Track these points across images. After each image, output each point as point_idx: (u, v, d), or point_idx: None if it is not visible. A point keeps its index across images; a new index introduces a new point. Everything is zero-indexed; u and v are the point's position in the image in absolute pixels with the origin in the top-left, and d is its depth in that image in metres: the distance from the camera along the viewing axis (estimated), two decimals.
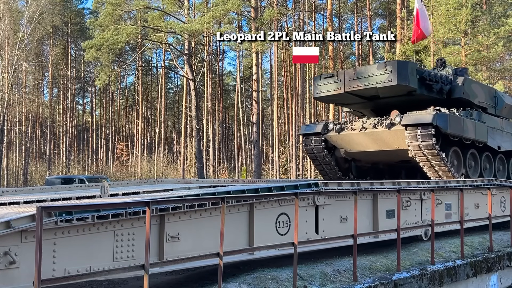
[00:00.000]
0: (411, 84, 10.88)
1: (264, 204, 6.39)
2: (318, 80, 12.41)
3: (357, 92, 11.68)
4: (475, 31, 28.39)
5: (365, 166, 13.54)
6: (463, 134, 10.94)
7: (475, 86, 12.50)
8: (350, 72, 11.70)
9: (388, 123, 10.96)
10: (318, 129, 12.46)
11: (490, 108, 12.90)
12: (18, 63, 34.79)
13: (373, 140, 11.48)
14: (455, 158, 11.31)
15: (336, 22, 46.67)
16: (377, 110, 12.66)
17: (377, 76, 11.01)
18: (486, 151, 12.30)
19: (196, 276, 6.39)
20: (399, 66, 10.85)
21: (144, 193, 7.29)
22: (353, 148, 12.20)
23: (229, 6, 29.33)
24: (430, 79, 11.39)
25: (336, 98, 12.64)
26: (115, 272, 4.53)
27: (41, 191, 8.85)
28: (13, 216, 4.31)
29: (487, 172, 12.53)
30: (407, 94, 11.38)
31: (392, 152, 11.43)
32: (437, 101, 11.63)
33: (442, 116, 10.39)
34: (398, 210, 7.28)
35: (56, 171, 42.64)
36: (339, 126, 12.11)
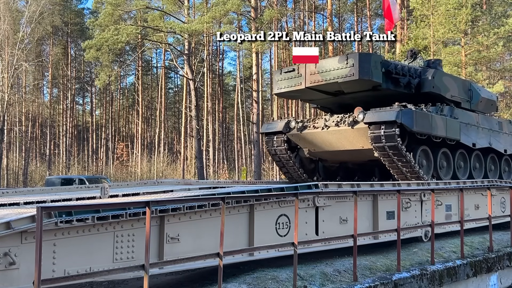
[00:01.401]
0: (374, 78, 10.05)
1: (264, 206, 6.39)
2: (279, 74, 11.49)
3: (319, 87, 10.84)
4: (475, 31, 28.39)
5: (333, 166, 12.85)
6: (431, 132, 10.12)
7: (447, 79, 11.65)
8: (311, 66, 10.73)
9: (351, 121, 10.13)
10: (280, 128, 11.49)
11: (465, 102, 12.05)
12: (18, 63, 34.79)
13: (336, 139, 10.68)
14: (424, 158, 10.55)
15: (336, 22, 46.68)
16: (345, 106, 11.76)
17: (339, 70, 10.16)
18: (460, 148, 11.45)
19: (196, 276, 6.39)
20: (361, 59, 9.97)
21: (144, 194, 7.29)
22: (317, 148, 11.39)
23: (229, 6, 29.33)
24: (396, 73, 10.55)
25: (297, 94, 11.82)
26: (115, 272, 4.53)
27: (41, 192, 8.84)
28: (13, 217, 4.31)
29: (461, 172, 11.66)
30: (373, 89, 10.58)
31: (357, 151, 10.65)
32: (405, 96, 10.87)
33: (407, 113, 9.56)
34: (398, 210, 7.28)
35: (56, 171, 42.63)
36: (301, 124, 11.21)
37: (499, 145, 12.63)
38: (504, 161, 13.23)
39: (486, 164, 12.42)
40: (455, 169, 11.23)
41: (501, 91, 29.15)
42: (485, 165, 12.36)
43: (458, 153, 11.40)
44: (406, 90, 10.85)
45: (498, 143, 12.53)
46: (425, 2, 27.54)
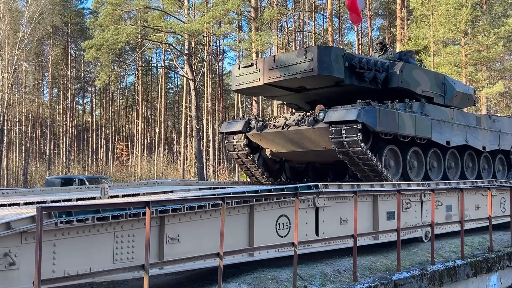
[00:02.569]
0: (335, 73, 9.30)
1: (264, 206, 6.39)
2: (237, 69, 10.65)
3: (278, 83, 10.09)
4: (475, 31, 28.39)
5: (300, 166, 12.17)
6: (397, 131, 9.34)
7: (417, 72, 10.77)
8: (269, 61, 9.98)
9: (311, 120, 9.39)
10: (239, 127, 10.73)
11: (438, 97, 11.18)
12: (18, 63, 34.80)
13: (298, 140, 9.95)
14: (392, 158, 9.79)
15: (336, 22, 46.67)
16: (312, 102, 10.96)
17: (298, 65, 9.41)
18: (434, 147, 10.68)
19: (196, 276, 6.39)
20: (321, 53, 9.19)
21: (144, 195, 7.29)
22: (278, 148, 10.66)
23: (229, 6, 29.33)
24: (361, 67, 9.79)
25: (257, 91, 11.09)
26: (115, 272, 4.53)
27: (41, 192, 8.84)
28: (13, 217, 4.32)
29: (435, 172, 10.84)
30: (336, 85, 9.85)
31: (321, 152, 9.93)
32: (372, 92, 10.18)
33: (370, 111, 8.80)
34: (398, 210, 7.28)
35: (56, 171, 42.62)
36: (261, 123, 10.45)
37: (477, 142, 11.76)
38: (483, 158, 12.40)
39: (463, 163, 11.58)
40: (427, 170, 10.47)
41: (501, 91, 29.16)
42: (461, 164, 11.55)
43: (431, 152, 10.65)
44: (372, 85, 10.12)
45: (475, 140, 11.69)
46: (425, 2, 27.54)
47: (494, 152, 12.63)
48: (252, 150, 11.10)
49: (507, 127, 12.98)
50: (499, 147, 12.48)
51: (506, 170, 13.34)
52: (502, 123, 12.82)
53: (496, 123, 12.54)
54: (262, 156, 11.34)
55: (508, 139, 12.97)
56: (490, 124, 12.31)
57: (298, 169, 12.18)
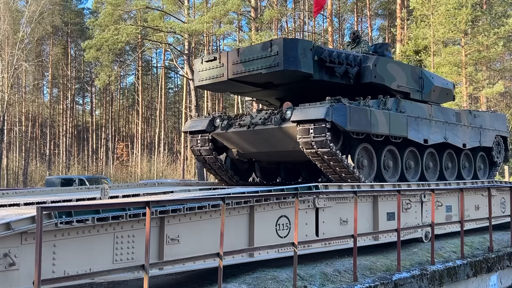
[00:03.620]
0: (303, 68, 8.64)
1: (264, 207, 6.39)
2: (199, 64, 9.93)
3: (243, 79, 9.37)
4: (475, 31, 28.39)
5: (271, 166, 11.53)
6: (370, 130, 8.71)
7: (392, 66, 10.09)
8: (233, 54, 9.29)
9: (278, 119, 8.74)
10: (203, 126, 10.01)
11: (414, 92, 10.54)
12: (18, 63, 34.82)
13: (264, 139, 9.33)
14: (366, 158, 9.16)
15: (336, 22, 46.68)
16: (282, 99, 10.22)
17: (262, 59, 8.74)
18: (411, 146, 10.03)
19: (196, 276, 6.39)
20: (286, 46, 8.53)
21: (144, 195, 7.29)
22: (245, 149, 10.03)
23: (229, 6, 29.35)
24: (331, 61, 9.16)
25: (221, 87, 10.30)
26: (115, 272, 4.53)
27: (41, 193, 8.83)
28: (13, 217, 4.32)
29: (411, 172, 10.17)
30: (304, 81, 9.23)
31: (290, 152, 9.28)
32: (344, 88, 9.57)
33: (340, 109, 8.15)
34: (398, 210, 7.28)
35: (56, 171, 42.62)
36: (226, 122, 9.76)
37: (457, 139, 11.05)
38: (464, 156, 11.66)
39: (442, 162, 10.91)
40: (403, 170, 9.85)
41: (501, 91, 29.16)
42: (440, 163, 10.87)
43: (408, 151, 10.00)
44: (344, 81, 9.48)
45: (455, 137, 11.00)
46: (425, 2, 27.55)
47: (475, 149, 11.96)
48: (218, 150, 10.45)
49: (489, 122, 12.27)
50: (480, 144, 11.80)
51: (487, 168, 12.67)
52: (483, 118, 12.11)
53: (477, 119, 11.87)
54: (229, 156, 10.71)
55: (490, 135, 12.25)
56: (471, 120, 11.63)
57: (269, 169, 11.60)
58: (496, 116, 12.88)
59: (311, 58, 8.84)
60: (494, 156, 12.50)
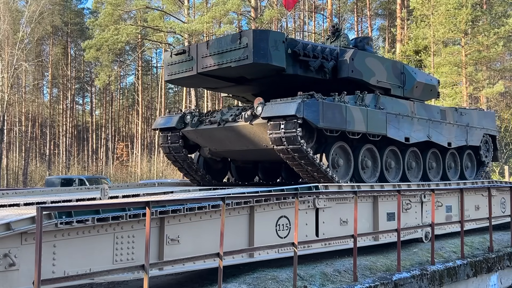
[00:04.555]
0: (274, 61, 8.13)
1: (264, 207, 6.39)
2: (169, 57, 9.43)
3: (213, 73, 8.88)
4: (475, 31, 28.40)
5: (247, 166, 11.02)
6: (345, 127, 8.25)
7: (371, 61, 9.56)
8: (203, 47, 8.78)
9: (249, 115, 8.26)
10: (173, 123, 9.57)
11: (395, 88, 10.01)
12: (18, 63, 34.81)
13: (236, 137, 8.85)
14: (342, 157, 8.68)
15: (336, 22, 46.65)
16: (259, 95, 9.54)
17: (232, 52, 8.25)
18: (391, 144, 9.53)
19: (196, 276, 6.40)
20: (256, 37, 8.02)
21: (144, 196, 7.29)
22: (217, 147, 9.55)
23: (229, 6, 29.36)
24: (305, 54, 8.64)
25: (192, 81, 9.76)
26: (115, 272, 4.53)
27: (41, 193, 8.84)
28: (13, 218, 4.32)
29: (392, 172, 9.66)
30: (277, 75, 8.71)
31: (263, 151, 8.82)
32: (320, 83, 9.07)
33: (312, 105, 7.69)
34: (398, 210, 7.28)
35: (56, 171, 42.60)
36: (197, 118, 9.30)
37: (441, 138, 10.54)
38: (449, 156, 11.12)
39: (426, 162, 10.43)
40: (383, 170, 9.37)
41: (501, 91, 29.16)
42: (424, 163, 10.39)
43: (388, 150, 9.53)
44: (320, 75, 9.00)
45: (439, 135, 10.48)
46: (425, 2, 27.55)
47: (462, 148, 11.50)
48: (190, 149, 10.02)
49: (476, 120, 11.78)
50: (467, 143, 11.31)
51: (475, 167, 12.13)
52: (470, 116, 11.62)
53: (464, 117, 11.37)
54: (202, 155, 10.20)
55: (477, 134, 11.75)
56: (457, 118, 11.15)
57: (245, 169, 11.12)
58: (484, 114, 12.41)
59: (283, 51, 8.34)
60: (482, 155, 12.05)
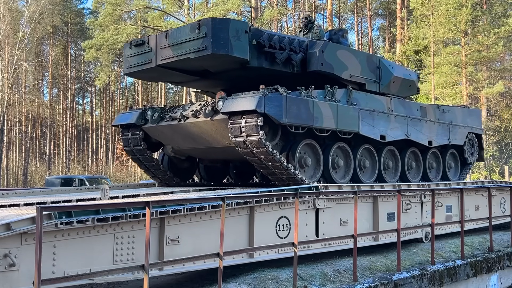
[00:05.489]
0: (235, 52, 7.54)
1: (264, 207, 6.39)
2: (128, 49, 8.79)
3: (172, 65, 8.26)
4: (475, 31, 28.41)
5: (216, 165, 10.43)
6: (312, 123, 7.70)
7: (343, 53, 8.99)
8: (162, 37, 8.20)
9: (209, 111, 7.72)
10: (133, 119, 9.01)
11: (370, 83, 9.44)
12: (18, 63, 34.82)
13: (197, 134, 8.31)
14: (311, 155, 8.16)
15: (336, 22, 46.67)
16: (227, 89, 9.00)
17: (190, 42, 7.63)
18: (367, 143, 9.04)
19: (196, 277, 6.39)
20: (216, 26, 7.41)
21: (144, 196, 7.30)
22: (180, 145, 9.00)
23: (229, 6, 29.36)
24: (271, 46, 8.08)
25: (152, 74, 9.09)
26: (115, 272, 4.54)
27: (41, 193, 8.84)
28: (13, 218, 4.32)
29: (367, 172, 9.17)
30: (242, 68, 8.11)
31: (227, 150, 8.20)
32: (289, 77, 8.58)
33: (274, 100, 7.17)
34: (398, 210, 7.29)
35: (56, 171, 42.63)
36: (158, 114, 8.76)
37: (421, 136, 10.01)
38: (431, 155, 10.62)
39: (404, 162, 9.90)
40: (356, 170, 8.85)
41: (501, 91, 29.18)
42: (402, 162, 9.88)
43: (362, 148, 9.01)
44: (288, 68, 8.45)
45: (419, 133, 9.96)
46: (425, 2, 27.56)
47: (445, 148, 11.02)
48: (153, 147, 9.51)
49: (460, 118, 11.26)
50: (450, 142, 10.81)
51: (459, 167, 11.58)
52: (453, 114, 11.10)
53: (446, 114, 10.86)
54: (166, 154, 9.67)
55: (461, 132, 11.22)
56: (439, 116, 10.63)
57: (214, 169, 10.51)
58: (469, 112, 11.85)
59: (246, 42, 7.75)
60: (467, 154, 11.53)
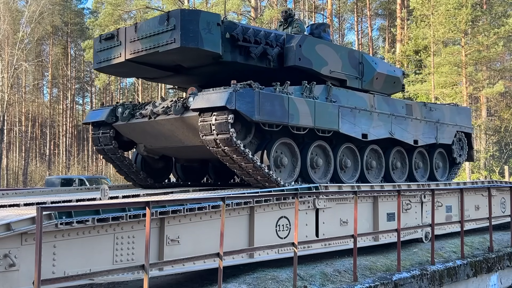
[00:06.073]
0: (206, 46, 7.09)
1: (265, 208, 6.39)
2: (98, 43, 8.33)
3: (142, 59, 7.79)
4: (475, 31, 28.40)
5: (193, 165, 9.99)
6: (287, 121, 7.34)
7: (323, 48, 8.54)
8: (131, 30, 7.73)
9: (179, 107, 7.33)
10: (103, 117, 8.51)
11: (352, 80, 9.06)
12: (18, 63, 34.81)
13: (169, 132, 7.93)
14: (287, 155, 7.81)
15: (336, 22, 46.68)
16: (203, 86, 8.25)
17: (159, 35, 7.22)
18: (348, 141, 8.71)
19: (196, 276, 6.40)
20: (185, 18, 6.99)
21: (144, 196, 7.30)
22: (152, 143, 8.58)
23: (229, 6, 29.37)
24: (245, 39, 7.67)
25: (122, 70, 8.60)
26: (115, 272, 4.54)
27: (41, 193, 8.85)
28: (13, 218, 4.33)
29: (349, 172, 8.85)
30: (215, 63, 7.70)
31: (199, 149, 7.71)
32: (266, 72, 8.19)
33: (246, 96, 6.78)
34: (398, 210, 7.29)
35: (56, 171, 42.62)
36: (129, 111, 8.31)
37: (406, 135, 9.65)
38: (417, 155, 10.26)
39: (389, 161, 9.55)
40: (337, 169, 8.49)
41: (501, 91, 29.16)
42: (386, 162, 9.52)
43: (343, 147, 8.67)
44: (264, 64, 8.05)
45: (404, 132, 9.60)
46: (425, 2, 27.55)
47: (433, 147, 10.72)
48: (125, 145, 9.08)
49: (448, 117, 10.91)
50: (437, 141, 10.48)
51: (447, 167, 11.25)
52: (441, 112, 10.76)
53: (434, 112, 10.51)
54: (139, 154, 9.22)
55: (449, 131, 10.88)
56: (425, 114, 10.28)
57: (191, 169, 10.07)
58: (458, 110, 11.47)
59: (218, 35, 7.34)
60: (455, 154, 11.20)
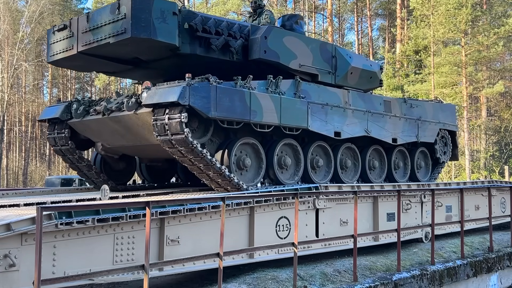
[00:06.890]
0: (160, 36, 6.54)
1: (264, 208, 6.39)
2: (52, 35, 7.73)
3: (95, 51, 7.14)
4: (475, 31, 28.40)
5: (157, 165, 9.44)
6: (249, 118, 6.81)
7: (291, 40, 7.97)
8: (83, 21, 7.12)
9: (133, 103, 6.80)
10: (58, 113, 7.97)
11: (324, 74, 8.48)
12: (18, 63, 34.82)
13: (123, 130, 7.37)
14: (251, 155, 7.30)
15: (336, 22, 46.68)
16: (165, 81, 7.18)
17: (110, 25, 6.65)
18: (321, 140, 8.22)
19: (196, 277, 6.40)
20: (136, 7, 6.40)
21: (144, 196, 7.30)
22: (109, 142, 8.02)
23: (229, 6, 29.41)
24: (205, 30, 7.07)
25: (76, 63, 7.94)
26: (115, 272, 4.54)
27: (41, 193, 8.84)
28: (13, 218, 4.33)
29: (321, 172, 8.35)
30: (174, 55, 7.13)
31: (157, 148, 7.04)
32: (230, 66, 7.63)
33: (200, 90, 6.26)
34: (398, 210, 7.29)
35: (56, 171, 42.62)
36: (83, 107, 7.74)
37: (384, 133, 9.14)
38: (397, 154, 9.79)
39: (365, 160, 9.07)
40: (307, 169, 8.01)
41: (501, 91, 29.16)
42: (362, 161, 9.05)
43: (315, 146, 8.15)
44: (227, 56, 7.47)
45: (382, 130, 9.09)
46: (425, 2, 27.56)
47: (415, 145, 10.27)
48: (82, 145, 8.55)
49: (431, 114, 10.39)
50: (418, 139, 9.96)
51: (430, 167, 10.78)
52: (423, 109, 10.23)
53: (415, 109, 10.00)
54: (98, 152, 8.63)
55: (432, 129, 10.36)
56: (405, 110, 9.76)
57: (157, 168, 9.58)
58: (441, 107, 10.94)
59: (175, 25, 6.79)
60: (438, 153, 10.71)
